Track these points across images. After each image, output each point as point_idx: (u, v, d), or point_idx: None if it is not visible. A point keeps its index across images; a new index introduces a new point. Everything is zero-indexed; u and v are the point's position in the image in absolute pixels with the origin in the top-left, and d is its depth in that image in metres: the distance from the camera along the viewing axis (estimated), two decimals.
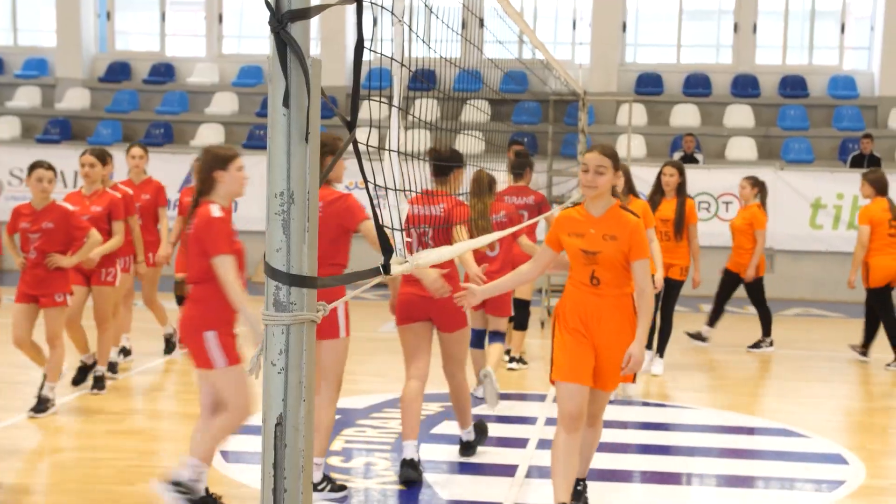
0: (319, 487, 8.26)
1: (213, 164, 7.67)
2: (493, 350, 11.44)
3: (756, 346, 15.69)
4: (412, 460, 8.63)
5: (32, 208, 10.63)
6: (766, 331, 15.67)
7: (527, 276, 7.68)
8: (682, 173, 13.19)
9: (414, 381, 8.80)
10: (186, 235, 7.66)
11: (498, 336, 11.62)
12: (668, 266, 12.81)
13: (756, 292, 15.46)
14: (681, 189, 13.19)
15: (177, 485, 7.46)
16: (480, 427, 9.73)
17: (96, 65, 27.87)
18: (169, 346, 13.96)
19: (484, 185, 10.53)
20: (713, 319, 15.65)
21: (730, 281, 15.48)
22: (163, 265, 13.51)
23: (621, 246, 7.22)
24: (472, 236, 8.78)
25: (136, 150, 13.49)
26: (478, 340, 11.56)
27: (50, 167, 10.58)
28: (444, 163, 8.82)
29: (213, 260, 7.37)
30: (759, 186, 15.31)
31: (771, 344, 15.67)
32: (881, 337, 14.80)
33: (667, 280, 12.82)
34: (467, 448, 9.53)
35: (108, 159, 12.07)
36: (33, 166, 10.60)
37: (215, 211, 7.57)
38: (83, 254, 10.72)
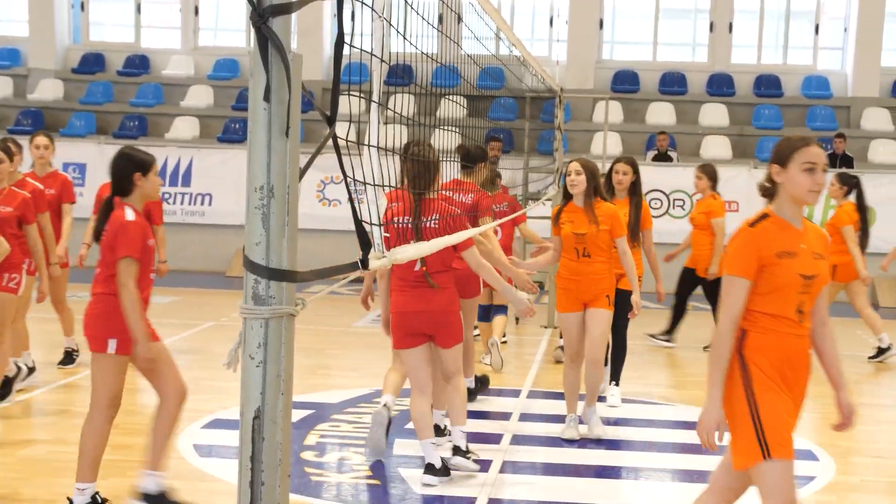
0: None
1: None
2: (498, 321, 13.44)
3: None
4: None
5: None
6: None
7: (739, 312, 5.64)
8: (636, 171, 11.46)
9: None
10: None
11: (501, 309, 13.44)
12: (620, 276, 10.65)
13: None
14: (634, 189, 11.45)
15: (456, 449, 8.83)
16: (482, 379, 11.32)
17: (70, 55, 27.74)
18: (67, 359, 12.64)
19: (487, 179, 11.31)
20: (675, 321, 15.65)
21: (689, 279, 15.42)
22: (62, 266, 12.14)
23: (825, 267, 5.77)
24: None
25: (41, 140, 12.38)
26: (484, 314, 13.32)
27: None
28: (467, 161, 10.56)
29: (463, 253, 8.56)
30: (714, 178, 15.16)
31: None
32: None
33: (620, 292, 10.67)
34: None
35: (14, 152, 11.07)
36: None
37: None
38: None
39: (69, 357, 12.70)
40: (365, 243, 4.31)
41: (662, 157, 23.19)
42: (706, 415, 5.71)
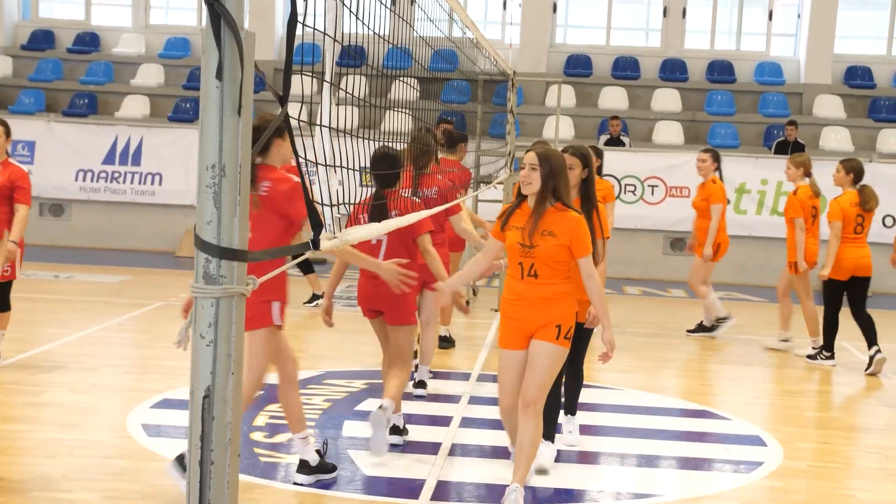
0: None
1: None
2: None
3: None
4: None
5: None
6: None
7: None
8: (586, 165, 8.79)
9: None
10: None
11: None
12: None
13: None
14: (587, 189, 8.64)
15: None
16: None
17: (19, 32, 27.49)
18: None
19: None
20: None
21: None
22: None
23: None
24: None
25: None
26: None
27: None
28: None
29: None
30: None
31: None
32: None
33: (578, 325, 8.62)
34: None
35: None
36: None
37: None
38: None
39: None
40: (316, 224, 4.29)
41: (615, 142, 23.25)
42: None
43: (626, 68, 26.30)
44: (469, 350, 13.72)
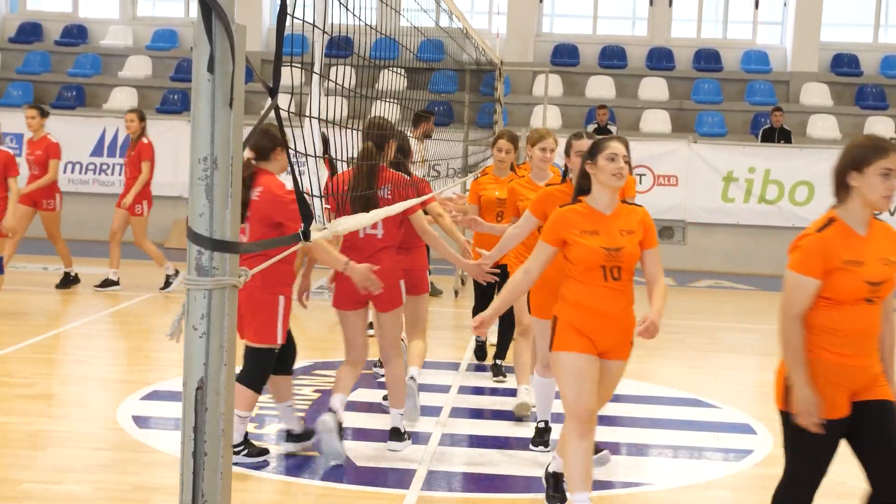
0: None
1: None
2: None
3: None
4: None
5: None
6: None
7: None
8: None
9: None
10: None
11: None
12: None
13: None
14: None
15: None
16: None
17: (7, 24, 27.44)
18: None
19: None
20: None
21: None
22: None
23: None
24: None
25: None
26: None
27: None
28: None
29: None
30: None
31: None
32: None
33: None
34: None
35: None
36: None
37: None
38: None
39: None
40: (306, 215, 4.30)
41: (602, 131, 23.26)
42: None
43: (612, 57, 26.31)
44: (459, 340, 13.73)
